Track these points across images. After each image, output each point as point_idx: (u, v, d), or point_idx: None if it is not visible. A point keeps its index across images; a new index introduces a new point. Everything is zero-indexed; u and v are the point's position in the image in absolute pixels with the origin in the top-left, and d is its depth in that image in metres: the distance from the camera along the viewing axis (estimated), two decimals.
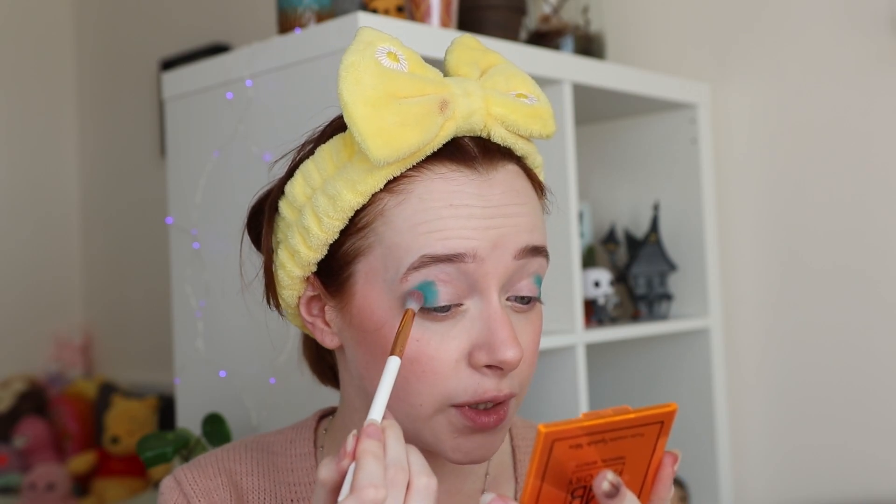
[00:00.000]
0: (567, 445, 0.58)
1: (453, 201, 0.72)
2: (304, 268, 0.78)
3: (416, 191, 0.72)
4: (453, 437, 0.74)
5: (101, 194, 3.14)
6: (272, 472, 0.85)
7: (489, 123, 0.75)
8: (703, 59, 1.84)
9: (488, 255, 0.72)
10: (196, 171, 1.40)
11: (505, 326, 0.71)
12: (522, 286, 0.75)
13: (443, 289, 0.71)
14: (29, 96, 3.14)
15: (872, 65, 1.65)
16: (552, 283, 1.45)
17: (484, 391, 0.72)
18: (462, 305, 0.72)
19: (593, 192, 1.88)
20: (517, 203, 0.74)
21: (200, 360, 1.40)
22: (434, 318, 0.72)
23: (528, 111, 0.77)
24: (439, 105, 0.72)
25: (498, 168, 0.75)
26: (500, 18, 1.49)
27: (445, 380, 0.72)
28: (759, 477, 1.78)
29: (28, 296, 3.06)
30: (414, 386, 0.72)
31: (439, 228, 0.71)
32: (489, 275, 0.72)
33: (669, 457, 0.63)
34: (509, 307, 0.74)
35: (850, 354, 1.68)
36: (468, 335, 0.72)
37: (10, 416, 2.80)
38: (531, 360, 0.76)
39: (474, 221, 0.72)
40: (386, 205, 0.73)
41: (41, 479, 2.57)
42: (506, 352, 0.70)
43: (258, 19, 2.42)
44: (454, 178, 0.73)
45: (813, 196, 1.72)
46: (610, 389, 1.83)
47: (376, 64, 0.72)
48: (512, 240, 0.73)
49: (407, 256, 0.71)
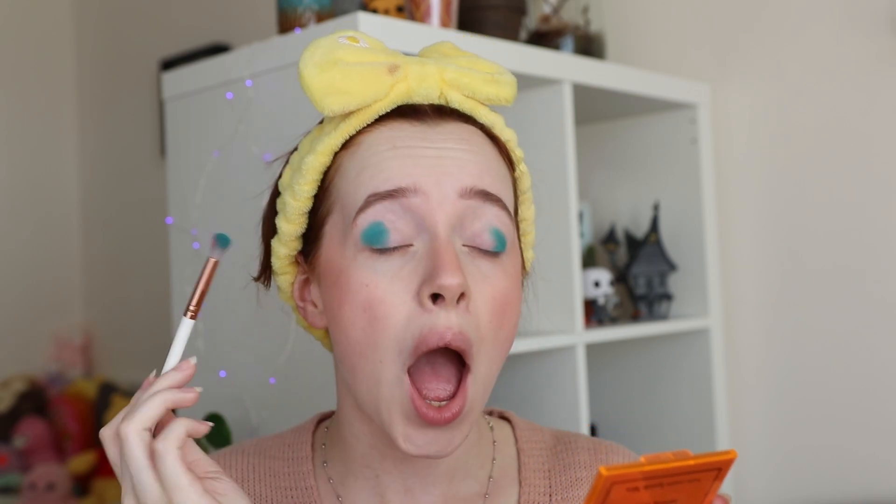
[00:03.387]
0: (625, 488, 0.57)
1: (396, 143, 0.74)
2: (288, 245, 0.80)
3: (364, 142, 0.76)
4: (404, 424, 0.72)
5: (101, 194, 3.14)
6: (269, 477, 0.85)
7: (445, 89, 0.77)
8: (703, 59, 1.84)
9: (432, 190, 0.72)
10: (196, 171, 1.40)
11: (446, 255, 0.70)
12: (478, 235, 0.74)
13: (391, 228, 0.72)
14: (29, 96, 3.14)
15: (872, 65, 1.65)
16: (552, 283, 1.45)
17: (429, 329, 0.70)
18: (412, 246, 0.72)
19: (593, 192, 1.88)
20: (466, 150, 0.75)
21: (200, 360, 1.40)
22: (383, 260, 0.72)
23: (484, 77, 0.78)
24: (388, 68, 0.76)
25: (449, 122, 0.76)
26: (500, 18, 1.49)
27: (396, 324, 0.71)
28: (759, 477, 1.78)
29: (28, 296, 3.06)
30: (371, 336, 0.72)
31: (383, 169, 0.73)
32: (434, 210, 0.72)
33: (720, 500, 0.61)
34: (466, 252, 0.73)
35: (850, 354, 1.68)
36: (416, 274, 0.71)
37: (10, 416, 2.80)
38: (496, 312, 0.73)
39: (417, 160, 0.73)
40: (343, 160, 0.76)
41: (41, 479, 2.57)
42: (444, 277, 0.69)
43: (258, 19, 2.42)
44: (401, 128, 0.76)
45: (813, 196, 1.72)
46: (610, 389, 1.83)
47: (332, 40, 0.77)
48: (455, 176, 0.73)
49: (355, 201, 0.73)
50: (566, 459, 0.86)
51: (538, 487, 0.84)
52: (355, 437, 0.81)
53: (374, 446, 0.79)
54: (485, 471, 0.84)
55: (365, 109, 0.76)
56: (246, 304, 1.25)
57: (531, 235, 0.85)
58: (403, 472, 0.80)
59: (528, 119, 1.49)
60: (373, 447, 0.80)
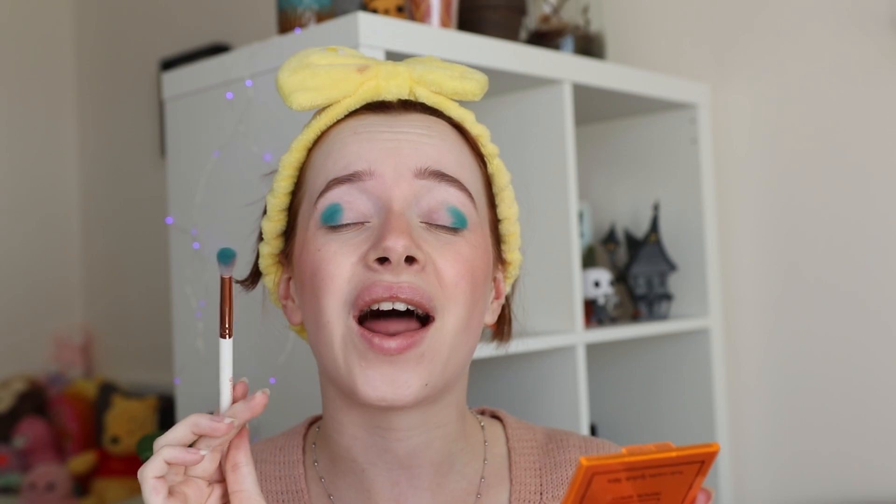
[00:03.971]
0: (606, 479, 0.57)
1: (358, 129, 0.77)
2: (270, 243, 0.82)
3: (332, 133, 0.78)
4: (361, 368, 0.73)
5: (101, 194, 3.14)
6: (260, 483, 0.84)
7: (414, 86, 0.79)
8: (703, 59, 1.84)
9: (387, 172, 0.74)
10: (196, 171, 1.40)
11: (395, 219, 0.72)
12: (435, 211, 0.75)
13: (347, 208, 0.74)
14: (29, 96, 3.14)
15: (872, 65, 1.65)
16: (552, 284, 1.45)
17: (374, 283, 0.71)
18: (368, 222, 0.75)
19: (593, 192, 1.88)
20: (427, 135, 0.77)
21: (200, 360, 1.40)
22: (337, 233, 0.74)
23: (451, 74, 0.80)
24: (357, 68, 0.79)
25: (413, 114, 0.79)
26: (500, 18, 1.49)
27: (342, 283, 0.73)
28: (759, 477, 1.78)
29: (28, 296, 3.06)
30: (319, 299, 0.74)
31: (343, 155, 0.76)
32: (390, 188, 0.74)
33: (703, 494, 0.62)
34: (423, 227, 0.75)
35: (850, 353, 1.68)
36: (366, 243, 0.73)
37: (10, 416, 2.80)
38: (457, 283, 0.74)
39: (375, 144, 0.76)
40: (313, 155, 0.79)
41: (41, 479, 2.57)
42: (388, 238, 0.71)
43: (258, 19, 2.42)
44: (366, 117, 0.78)
45: (813, 196, 1.72)
46: (610, 389, 1.83)
47: (309, 50, 0.80)
48: (411, 156, 0.75)
49: (318, 186, 0.76)
50: (557, 458, 0.86)
51: (529, 486, 0.84)
52: (338, 430, 0.81)
53: (356, 437, 0.80)
54: (473, 468, 0.84)
55: (335, 105, 0.78)
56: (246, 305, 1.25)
57: (515, 235, 0.85)
58: (388, 463, 0.80)
59: (528, 119, 1.49)
60: (355, 438, 0.80)
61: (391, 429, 0.78)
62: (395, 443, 0.78)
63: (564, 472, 0.85)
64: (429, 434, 0.79)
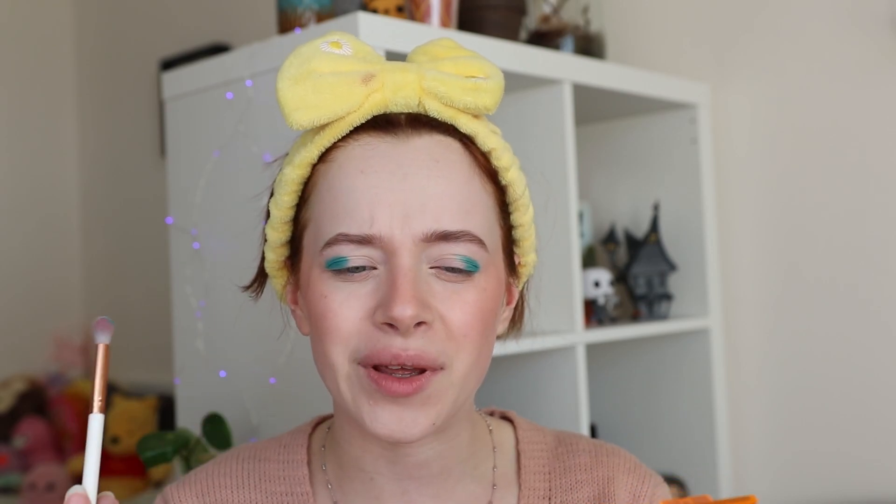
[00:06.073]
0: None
1: (364, 168, 0.73)
2: (275, 251, 0.81)
3: (338, 159, 0.75)
4: (370, 406, 0.72)
5: (101, 194, 3.14)
6: (262, 483, 0.84)
7: (423, 97, 0.75)
8: (703, 59, 1.84)
9: (395, 235, 0.71)
10: (196, 171, 1.40)
11: (404, 283, 0.70)
12: (446, 261, 0.73)
13: (353, 257, 0.72)
14: (29, 96, 3.14)
15: (873, 65, 1.65)
16: (552, 284, 1.45)
17: (383, 347, 0.70)
18: (375, 269, 0.73)
19: (593, 192, 1.88)
20: (433, 175, 0.73)
21: (200, 360, 1.40)
22: (345, 279, 0.73)
23: (464, 85, 0.75)
24: (362, 78, 0.74)
25: (422, 135, 0.74)
26: (500, 18, 1.49)
27: (349, 336, 0.72)
28: (759, 477, 1.78)
29: (28, 296, 3.06)
30: (326, 345, 0.73)
31: (350, 209, 0.72)
32: (401, 245, 0.72)
33: None
34: (433, 274, 0.73)
35: (850, 354, 1.68)
36: (375, 295, 0.72)
37: (10, 416, 2.80)
38: (466, 333, 0.73)
39: (383, 194, 0.72)
40: (319, 174, 0.76)
41: (41, 479, 2.57)
42: (395, 307, 0.69)
43: (258, 19, 2.42)
44: (373, 144, 0.74)
45: (813, 196, 1.72)
46: (610, 389, 1.83)
47: (312, 48, 0.76)
48: (418, 222, 0.72)
49: (325, 232, 0.74)
50: (567, 462, 0.86)
51: (538, 490, 0.84)
52: (346, 440, 0.81)
53: (365, 448, 0.79)
54: (482, 472, 0.83)
55: (339, 121, 0.75)
56: (246, 305, 1.25)
57: (530, 240, 0.83)
58: (397, 474, 0.79)
59: (528, 119, 1.49)
60: (364, 449, 0.79)
61: (402, 445, 0.78)
62: (404, 457, 0.78)
63: (573, 476, 0.85)
64: (439, 447, 0.79)
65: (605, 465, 0.86)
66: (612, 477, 0.85)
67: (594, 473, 0.85)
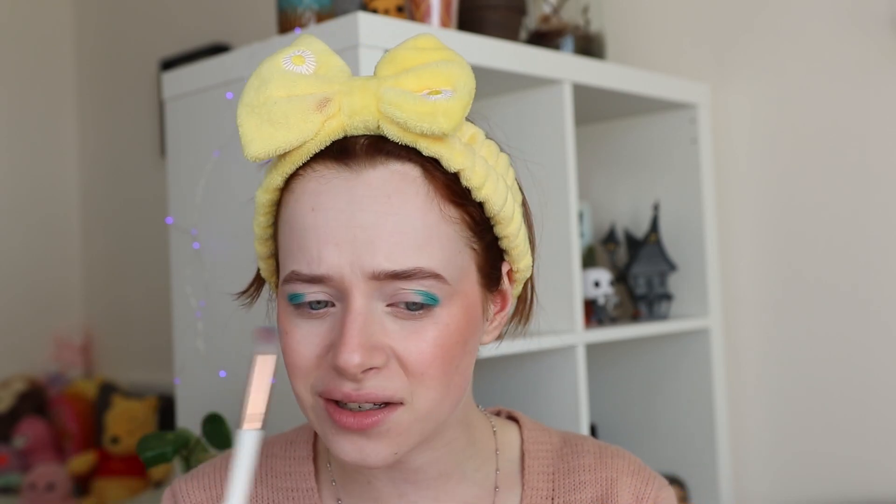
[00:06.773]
0: None
1: (315, 205, 0.72)
2: (265, 261, 0.82)
3: (296, 190, 0.74)
4: (333, 434, 0.73)
5: (101, 194, 3.14)
6: (269, 478, 0.85)
7: (382, 121, 0.72)
8: (703, 59, 1.84)
9: (345, 274, 0.70)
10: (196, 171, 1.40)
11: (350, 331, 0.69)
12: (400, 295, 0.71)
13: (311, 300, 0.72)
14: (29, 96, 3.14)
15: (873, 65, 1.65)
16: (552, 284, 1.45)
17: (334, 387, 0.71)
18: (334, 306, 0.72)
19: (593, 192, 1.88)
20: (383, 211, 0.70)
21: (200, 360, 1.40)
22: (305, 316, 0.73)
23: (421, 109, 0.70)
24: (317, 104, 0.72)
25: (377, 167, 0.71)
26: (500, 18, 1.49)
27: (308, 372, 0.73)
28: (759, 477, 1.78)
29: (28, 296, 3.06)
30: (290, 378, 0.75)
31: (303, 249, 0.71)
32: (352, 285, 0.70)
33: None
34: (388, 313, 0.71)
35: (850, 354, 1.68)
36: (328, 336, 0.72)
37: (10, 416, 2.80)
38: (424, 371, 0.71)
39: (332, 232, 0.70)
40: (283, 201, 0.75)
41: (41, 479, 2.57)
42: (340, 356, 0.69)
43: (258, 19, 2.42)
44: (327, 177, 0.72)
45: (813, 196, 1.72)
46: (610, 389, 1.83)
47: (271, 66, 0.74)
48: (368, 262, 0.70)
49: (284, 265, 0.74)
50: (571, 462, 0.86)
51: (541, 491, 0.84)
52: None
53: None
54: (484, 473, 0.83)
55: (298, 149, 0.73)
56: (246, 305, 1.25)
57: (519, 248, 0.79)
58: (394, 479, 0.80)
59: (528, 119, 1.49)
60: None
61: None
62: (398, 463, 0.78)
63: (577, 477, 0.85)
64: (433, 453, 0.79)
65: (608, 467, 0.86)
66: (616, 478, 0.85)
67: (598, 474, 0.85)
